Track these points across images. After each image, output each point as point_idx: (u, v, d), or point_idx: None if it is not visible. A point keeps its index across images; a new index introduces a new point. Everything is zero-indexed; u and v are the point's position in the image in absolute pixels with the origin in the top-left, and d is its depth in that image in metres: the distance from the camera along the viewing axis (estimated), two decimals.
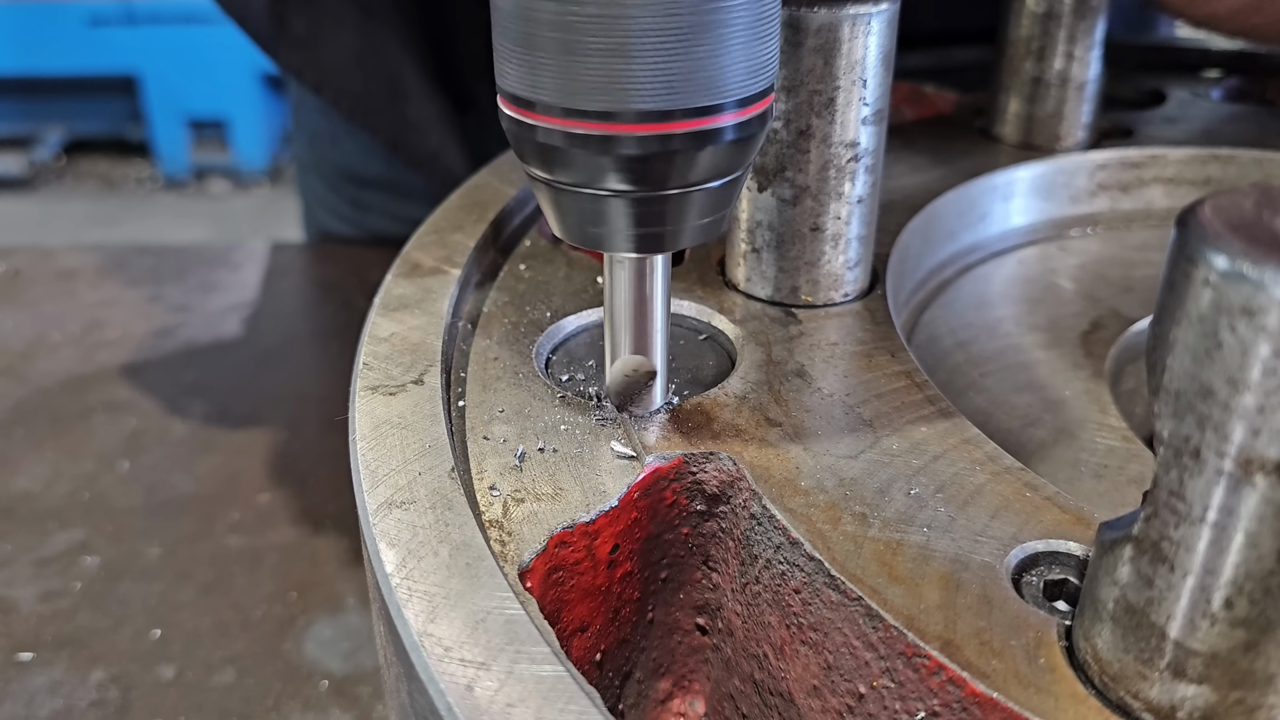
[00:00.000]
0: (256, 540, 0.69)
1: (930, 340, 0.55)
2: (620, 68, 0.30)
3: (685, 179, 0.32)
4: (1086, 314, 0.57)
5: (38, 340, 0.93)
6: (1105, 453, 0.45)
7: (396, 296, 0.45)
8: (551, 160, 0.32)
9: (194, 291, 1.03)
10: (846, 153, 0.44)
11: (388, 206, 1.12)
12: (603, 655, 0.38)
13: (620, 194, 0.32)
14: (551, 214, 0.34)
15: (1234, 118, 0.74)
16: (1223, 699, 0.25)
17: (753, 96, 0.32)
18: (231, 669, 0.59)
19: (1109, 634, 0.27)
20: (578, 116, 0.31)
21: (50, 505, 0.72)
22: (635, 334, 0.37)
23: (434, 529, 0.32)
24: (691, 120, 0.31)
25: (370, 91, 0.95)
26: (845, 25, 0.42)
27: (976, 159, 0.65)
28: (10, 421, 0.81)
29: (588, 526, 0.35)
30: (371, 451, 0.35)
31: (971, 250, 0.63)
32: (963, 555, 0.32)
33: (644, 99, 0.30)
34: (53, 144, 4.44)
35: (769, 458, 0.37)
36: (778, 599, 0.34)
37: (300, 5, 0.90)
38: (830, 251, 0.46)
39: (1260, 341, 0.21)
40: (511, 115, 0.32)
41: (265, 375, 0.89)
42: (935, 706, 0.29)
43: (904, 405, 0.40)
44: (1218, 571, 0.24)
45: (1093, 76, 0.66)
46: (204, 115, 4.30)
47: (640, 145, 0.31)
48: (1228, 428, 0.22)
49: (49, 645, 0.61)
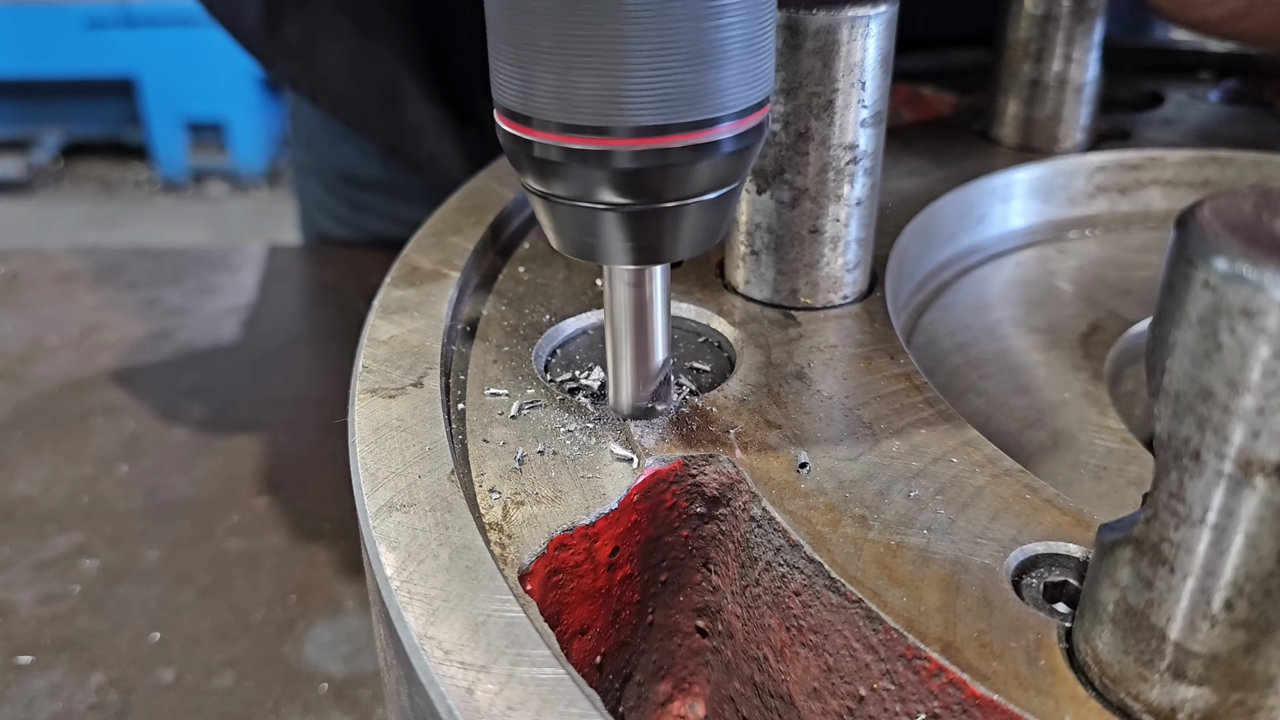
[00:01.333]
0: (256, 543, 0.69)
1: (929, 342, 0.55)
2: (616, 83, 0.29)
3: (683, 191, 0.32)
4: (1085, 316, 0.57)
5: (36, 343, 0.93)
6: (1105, 454, 0.45)
7: (396, 299, 0.45)
8: (548, 175, 0.32)
9: (192, 294, 1.03)
10: (845, 155, 0.44)
11: (386, 208, 1.12)
12: (603, 658, 0.38)
13: (617, 207, 0.32)
14: (548, 227, 0.34)
15: (1232, 119, 0.75)
16: (1223, 700, 0.25)
17: (749, 108, 0.32)
18: (231, 672, 0.59)
19: (1109, 636, 0.27)
20: (574, 132, 0.30)
21: (49, 508, 0.72)
22: (636, 342, 0.37)
23: (434, 532, 0.32)
24: (688, 133, 0.31)
25: (366, 97, 0.94)
26: (844, 27, 0.42)
27: (975, 161, 0.65)
28: (9, 424, 0.81)
29: (588, 529, 0.35)
30: (371, 454, 0.35)
31: (970, 252, 0.63)
32: (963, 557, 0.32)
33: (640, 113, 0.30)
34: (51, 146, 4.44)
35: (769, 460, 0.37)
36: (778, 601, 0.34)
37: (293, 14, 0.90)
38: (829, 254, 0.46)
39: (1260, 343, 0.21)
40: (508, 130, 0.32)
41: (264, 378, 0.89)
42: (936, 709, 0.29)
43: (903, 407, 0.40)
44: (1218, 573, 0.24)
45: (1091, 79, 0.66)
46: (202, 118, 4.30)
47: (637, 159, 0.31)
48: (1227, 429, 0.22)
49: (48, 648, 0.60)
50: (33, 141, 4.40)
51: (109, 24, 4.09)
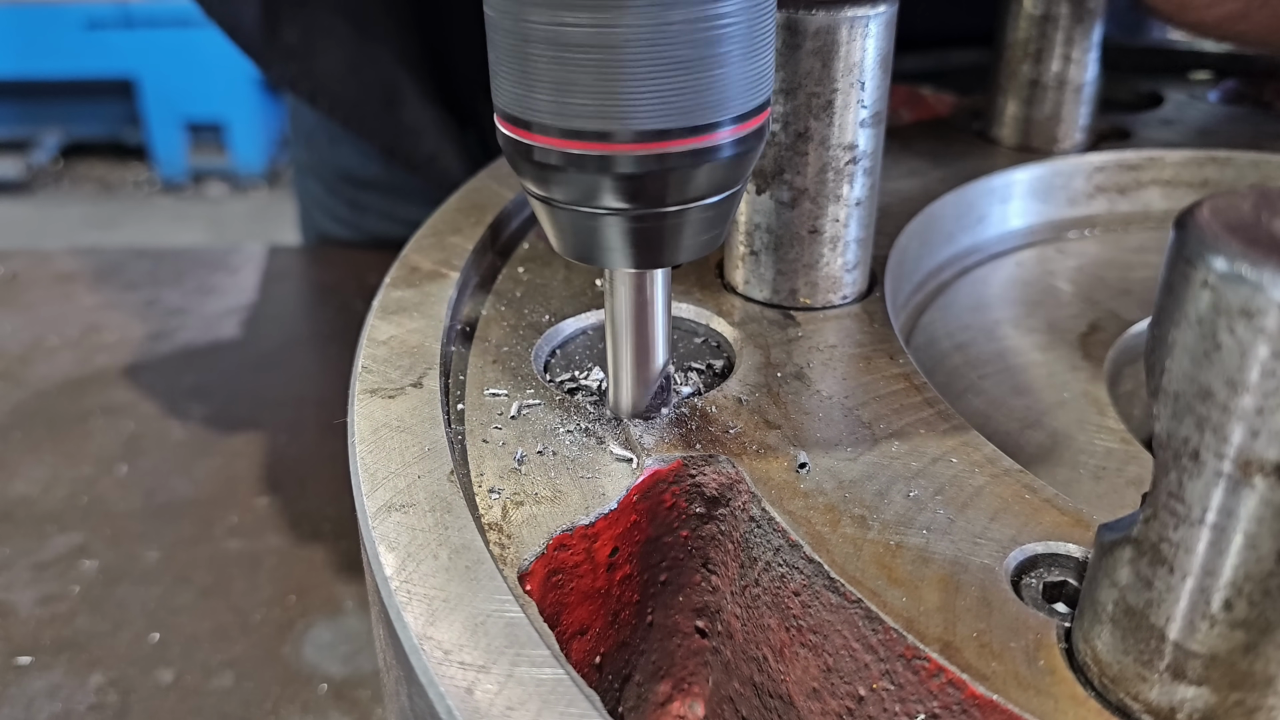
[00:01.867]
0: (255, 544, 0.69)
1: (929, 342, 0.55)
2: (616, 88, 0.29)
3: (683, 196, 0.32)
4: (1084, 316, 0.57)
5: (35, 344, 0.93)
6: (1104, 454, 0.45)
7: (395, 300, 0.45)
8: (548, 179, 0.32)
9: (192, 295, 1.03)
10: (845, 155, 0.44)
11: (386, 208, 1.12)
12: (602, 658, 0.38)
13: (618, 212, 0.32)
14: (550, 230, 0.34)
15: (1231, 119, 0.75)
16: (1222, 700, 0.25)
17: (749, 112, 0.32)
18: (230, 672, 0.59)
19: (1108, 636, 0.27)
20: (574, 137, 0.30)
21: (48, 509, 0.72)
22: (637, 344, 0.37)
23: (434, 532, 0.32)
24: (689, 138, 0.31)
25: (365, 99, 0.94)
26: (843, 28, 0.42)
27: (974, 161, 0.65)
28: (8, 425, 0.81)
29: (587, 529, 0.35)
30: (371, 455, 0.35)
31: (970, 252, 0.63)
32: (962, 557, 0.32)
33: (641, 118, 0.30)
34: (50, 147, 4.44)
35: (768, 460, 0.37)
36: (777, 601, 0.34)
37: (291, 16, 0.90)
38: (829, 254, 0.46)
39: (1259, 343, 0.21)
40: (508, 134, 0.32)
41: (264, 378, 0.89)
42: (935, 709, 0.29)
43: (903, 408, 0.40)
44: (1217, 573, 0.24)
45: (1090, 79, 0.66)
46: (201, 118, 4.30)
47: (638, 164, 0.31)
48: (1226, 429, 0.22)
49: (47, 649, 0.60)
50: (32, 142, 4.40)
51: (108, 24, 4.09)
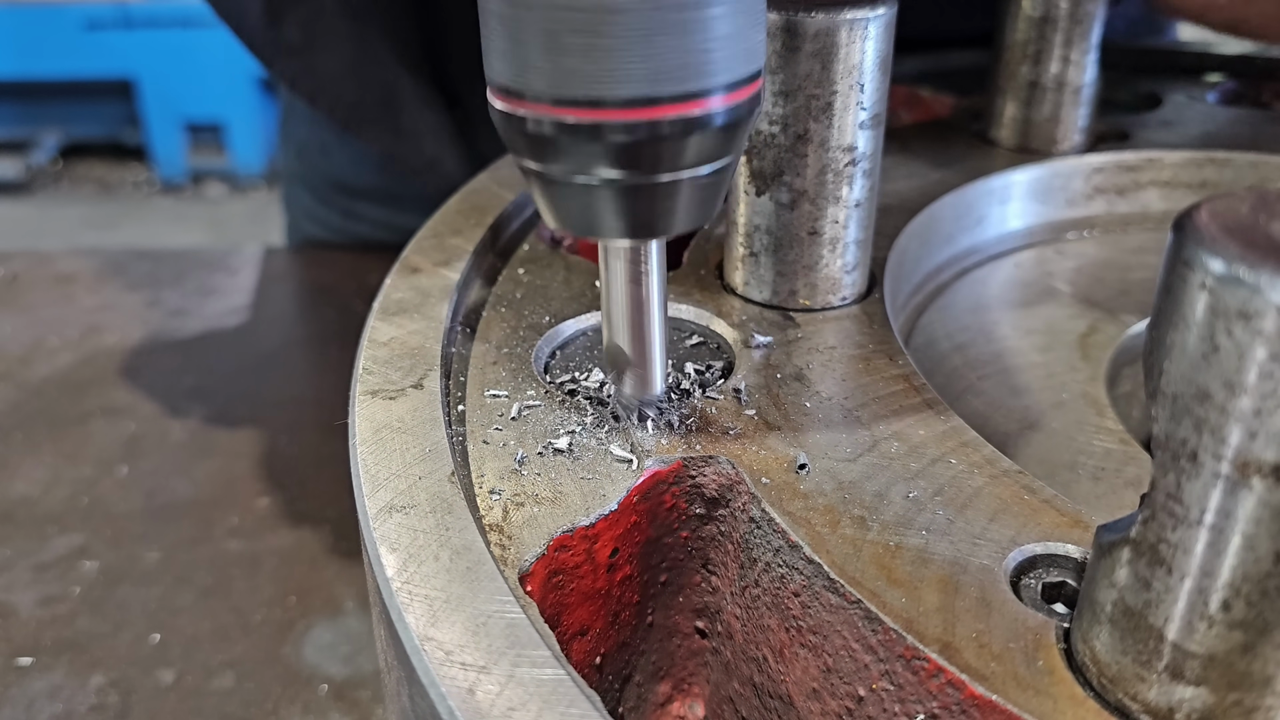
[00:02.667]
0: (256, 544, 0.69)
1: (928, 343, 0.55)
2: (607, 54, 0.29)
3: (676, 164, 0.32)
4: (1083, 317, 0.57)
5: (36, 345, 0.93)
6: (1103, 455, 0.45)
7: (395, 301, 0.46)
8: (542, 150, 0.32)
9: (192, 296, 1.03)
10: (844, 157, 0.44)
11: (381, 217, 1.12)
12: (603, 658, 0.38)
13: (611, 181, 0.32)
14: (544, 203, 0.34)
15: (1230, 121, 0.75)
16: (1220, 701, 0.25)
17: (740, 80, 0.32)
18: (231, 673, 0.59)
19: (1107, 636, 0.27)
20: (566, 105, 0.31)
21: (49, 510, 0.72)
22: (632, 322, 0.37)
23: (434, 533, 0.32)
24: (679, 105, 0.31)
25: (365, 101, 0.94)
26: (842, 30, 0.42)
27: (973, 163, 0.65)
28: (8, 426, 0.81)
29: (587, 530, 0.35)
30: (372, 456, 0.35)
31: (969, 254, 0.63)
32: (961, 558, 0.32)
33: (631, 85, 0.30)
34: (49, 148, 4.44)
35: (768, 461, 0.37)
36: (777, 602, 0.35)
37: (294, 13, 0.90)
38: (828, 255, 0.46)
39: (1257, 345, 0.21)
40: (501, 108, 0.32)
41: (264, 379, 0.89)
42: (934, 709, 0.29)
43: (902, 408, 0.40)
44: (1215, 574, 0.24)
45: (1089, 80, 0.66)
46: (201, 119, 4.30)
47: (629, 131, 0.31)
48: (1224, 431, 0.22)
49: (48, 650, 0.61)
50: (31, 143, 4.40)
51: (107, 25, 4.09)
